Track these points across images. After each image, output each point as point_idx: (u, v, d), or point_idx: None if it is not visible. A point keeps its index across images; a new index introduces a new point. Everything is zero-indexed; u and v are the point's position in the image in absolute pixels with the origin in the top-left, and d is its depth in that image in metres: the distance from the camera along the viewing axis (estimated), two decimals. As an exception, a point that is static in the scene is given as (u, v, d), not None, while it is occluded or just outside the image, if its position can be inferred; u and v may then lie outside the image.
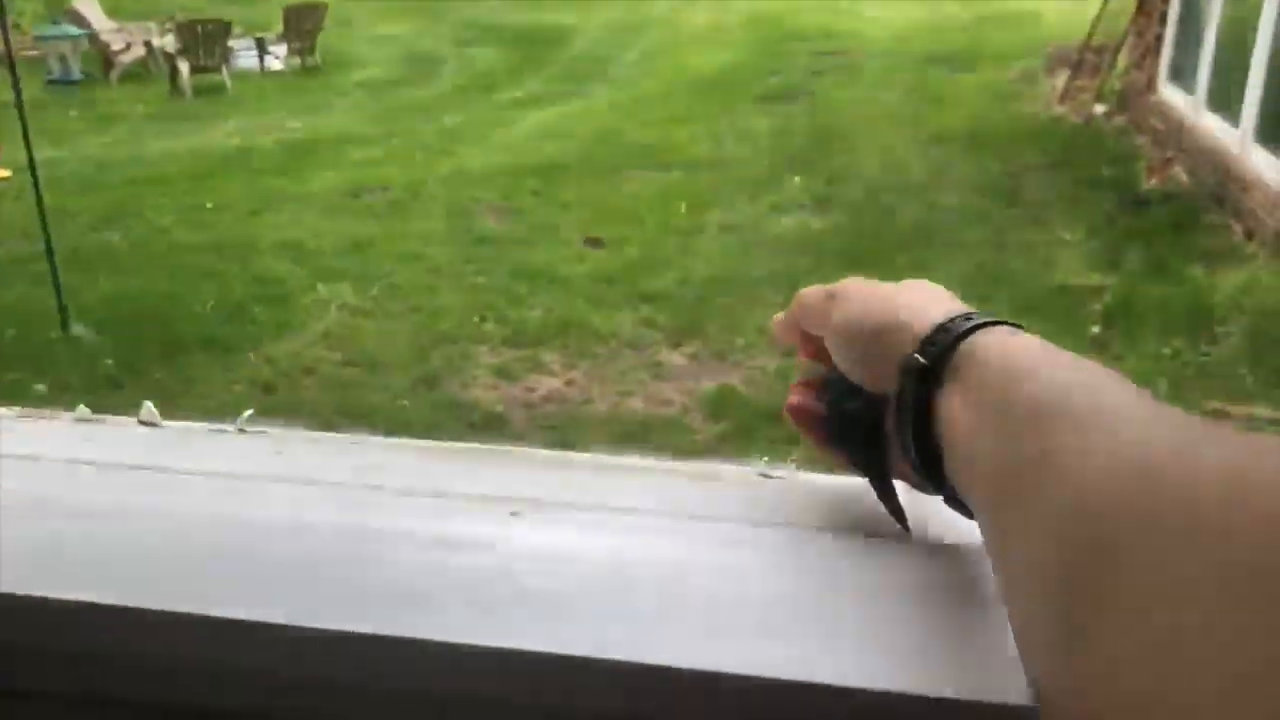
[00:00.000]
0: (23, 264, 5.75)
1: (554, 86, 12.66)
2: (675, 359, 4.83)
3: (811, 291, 0.60)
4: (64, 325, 4.83)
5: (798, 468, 0.71)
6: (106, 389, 4.39)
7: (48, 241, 4.96)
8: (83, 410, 0.74)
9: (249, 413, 0.71)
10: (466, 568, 0.54)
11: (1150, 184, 6.68)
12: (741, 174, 7.21)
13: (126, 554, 0.56)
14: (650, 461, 0.73)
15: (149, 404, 0.73)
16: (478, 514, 0.59)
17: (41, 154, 9.21)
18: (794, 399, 0.63)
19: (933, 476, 0.49)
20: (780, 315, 0.64)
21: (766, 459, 0.75)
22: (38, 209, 5.01)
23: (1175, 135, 7.13)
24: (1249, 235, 5.72)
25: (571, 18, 18.09)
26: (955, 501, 0.50)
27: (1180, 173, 6.77)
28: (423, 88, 13.05)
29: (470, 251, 5.91)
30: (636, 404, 4.43)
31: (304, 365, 4.69)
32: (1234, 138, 6.25)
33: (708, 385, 4.56)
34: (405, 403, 4.34)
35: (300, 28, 13.82)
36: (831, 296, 0.57)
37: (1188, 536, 0.31)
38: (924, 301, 0.52)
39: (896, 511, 0.57)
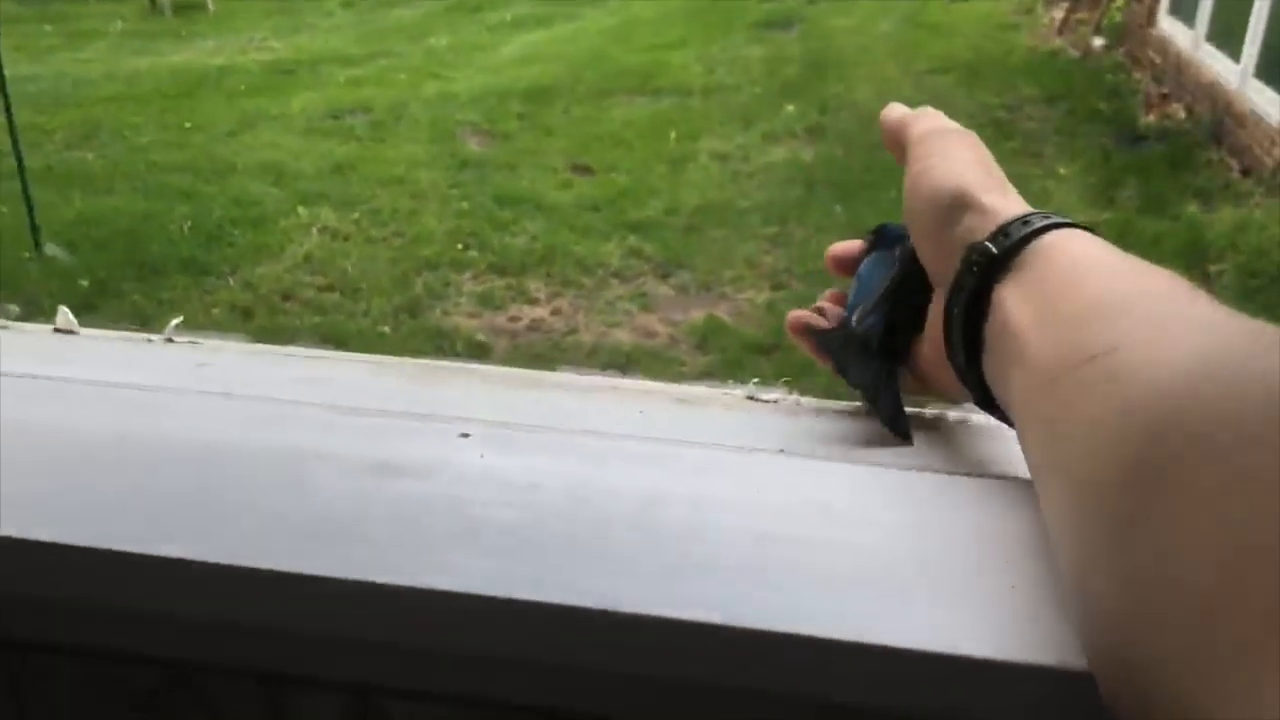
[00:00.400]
0: (-5, 182, 5.60)
1: (543, 9, 12.37)
2: (663, 290, 4.74)
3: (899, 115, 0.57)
4: (37, 245, 4.70)
5: (790, 391, 0.64)
6: (81, 311, 4.26)
7: (19, 159, 4.82)
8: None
9: (177, 320, 0.63)
10: (402, 497, 0.46)
11: (1148, 119, 6.56)
12: (733, 102, 7.06)
13: (12, 473, 0.48)
14: (627, 381, 0.65)
15: (65, 309, 0.65)
16: (421, 435, 0.51)
17: (15, 70, 8.97)
18: (797, 312, 0.60)
19: (970, 377, 0.48)
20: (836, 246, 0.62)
21: (757, 380, 0.68)
22: (8, 125, 4.86)
23: (1174, 70, 6.99)
24: (1245, 172, 5.63)
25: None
26: (988, 405, 0.48)
27: (1178, 109, 6.64)
28: (409, 8, 12.74)
29: (454, 176, 5.78)
30: (622, 335, 4.35)
31: (283, 290, 4.58)
32: (1234, 73, 6.13)
33: (695, 316, 4.48)
34: (385, 329, 4.25)
35: (283, -55, 13.42)
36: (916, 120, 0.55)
37: (1261, 431, 0.30)
38: (1003, 187, 0.50)
39: (897, 421, 0.54)
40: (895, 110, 0.57)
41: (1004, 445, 0.53)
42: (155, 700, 0.48)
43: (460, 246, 4.95)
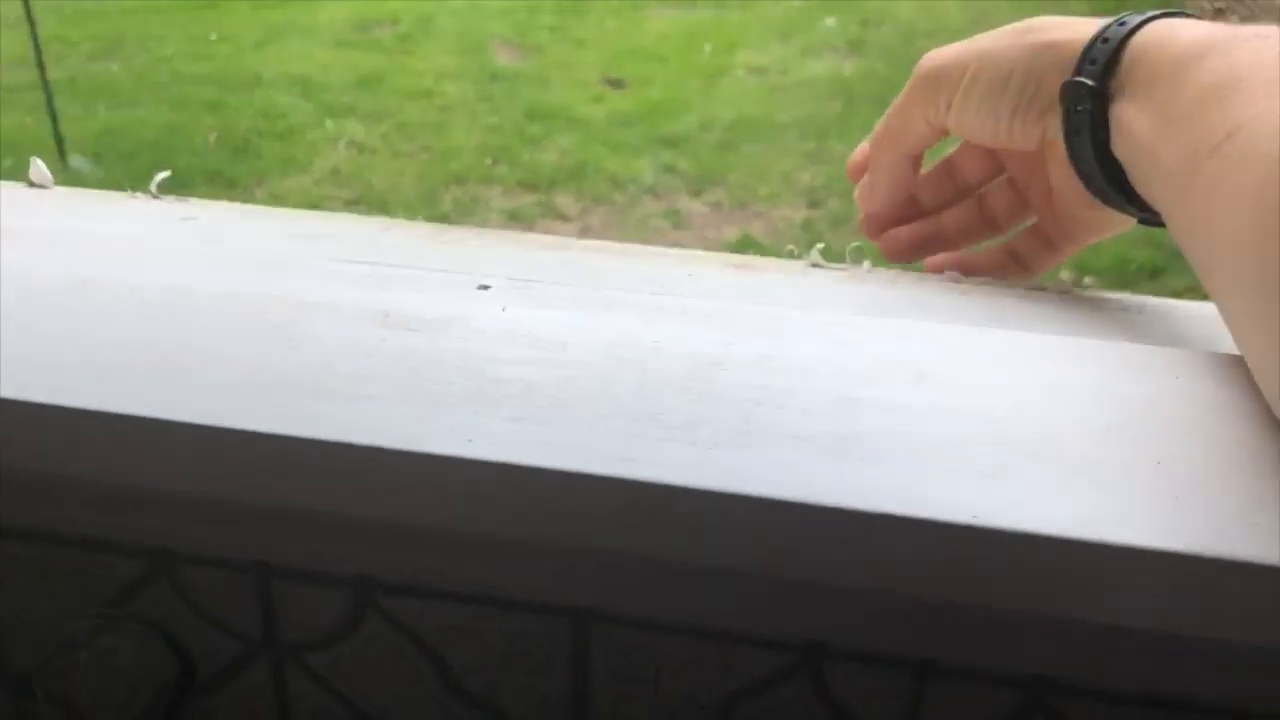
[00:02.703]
0: (18, 93, 5.53)
1: (575, -78, 12.06)
2: (696, 207, 4.63)
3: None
4: (61, 156, 4.63)
5: (855, 260, 0.55)
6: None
7: (41, 69, 4.74)
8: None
9: (164, 174, 0.55)
10: (411, 352, 0.38)
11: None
12: (770, 14, 6.85)
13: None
14: (672, 250, 0.57)
15: (38, 161, 0.58)
16: (434, 287, 0.43)
17: (42, -18, 8.86)
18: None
19: (1123, 198, 0.45)
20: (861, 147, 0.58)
21: (822, 246, 0.60)
22: (31, 37, 4.77)
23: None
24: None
25: None
26: (1155, 218, 0.45)
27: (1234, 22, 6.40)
28: (438, -79, 12.46)
29: (483, 89, 5.65)
30: (654, 251, 4.26)
31: (310, 203, 4.50)
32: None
33: (729, 234, 4.38)
34: (413, 243, 4.18)
35: None
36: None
37: None
38: (1069, 22, 0.46)
39: None
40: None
41: (1132, 316, 0.45)
42: (134, 593, 0.42)
43: (489, 161, 4.84)
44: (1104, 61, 0.42)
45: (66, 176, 4.55)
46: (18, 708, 0.44)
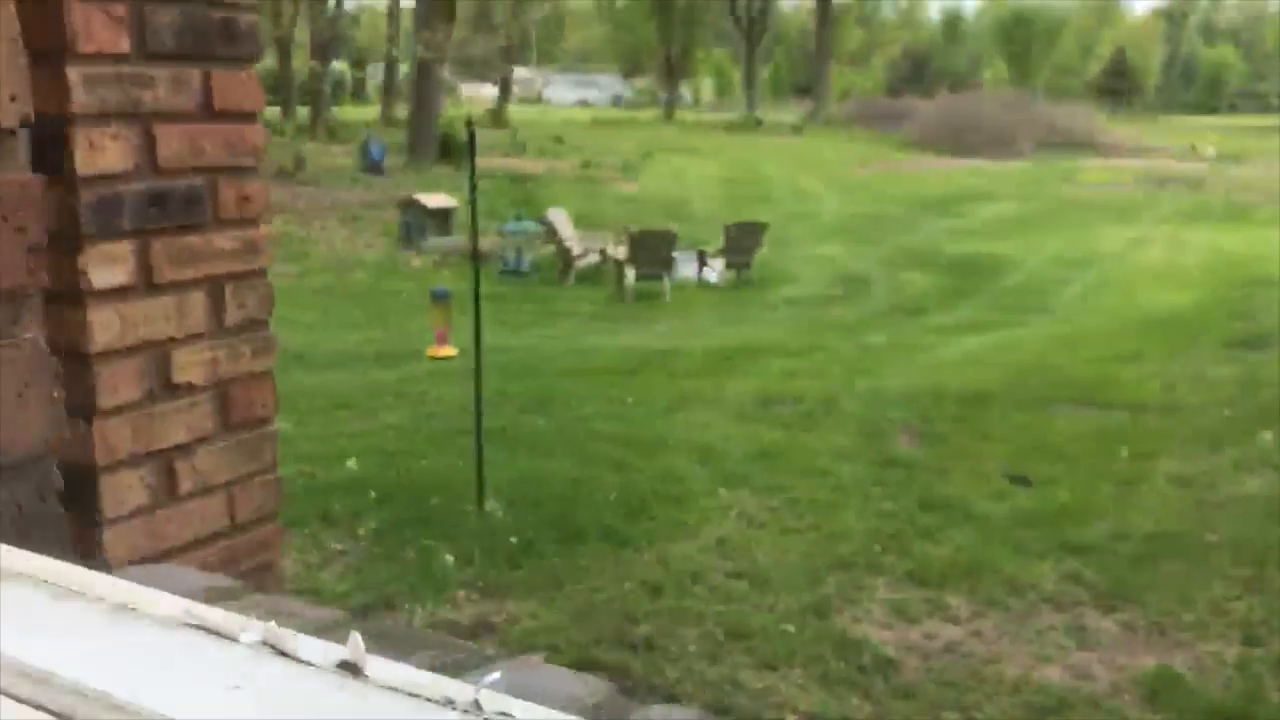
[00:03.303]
0: (457, 437, 6.16)
1: (986, 315, 12.23)
2: (1105, 625, 4.17)
3: None
4: (479, 499, 5.02)
5: None
6: (505, 566, 4.46)
7: (478, 419, 5.25)
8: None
9: (494, 676, 0.46)
10: None
11: None
12: (1197, 423, 6.39)
13: None
14: None
15: (357, 638, 0.49)
16: None
17: (498, 340, 10.12)
18: None
19: None
20: None
21: None
22: (475, 390, 5.34)
23: None
24: None
25: (1011, 249, 17.70)
26: None
27: None
28: (850, 307, 13.12)
29: (879, 473, 5.58)
30: (1053, 672, 3.82)
31: (694, 570, 4.52)
32: None
33: (1144, 663, 3.87)
34: (790, 628, 4.02)
35: (740, 244, 14.50)
36: None
37: None
38: None
39: None
40: None
41: None
42: None
43: (878, 548, 4.68)
44: None
45: (480, 518, 4.89)
46: None
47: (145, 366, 1.25)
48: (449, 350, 8.01)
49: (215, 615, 0.51)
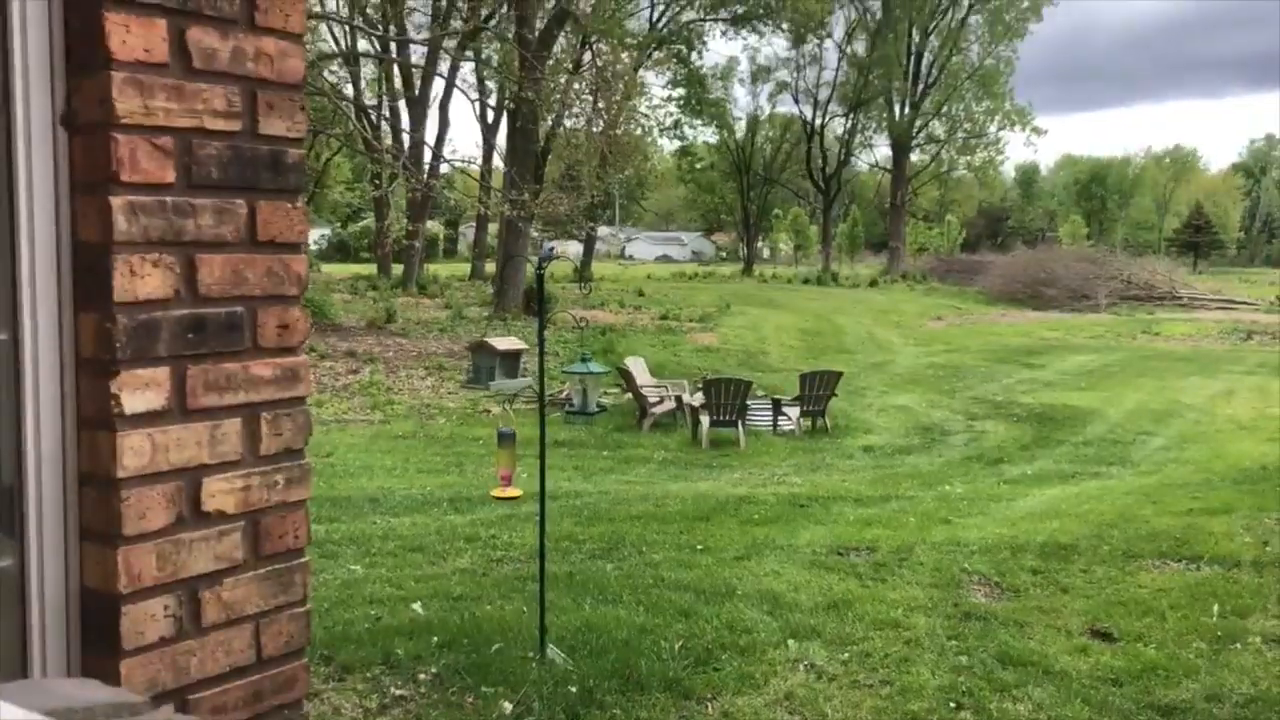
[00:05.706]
0: (523, 582, 6.11)
1: (1066, 466, 11.93)
2: (1199, 794, 3.90)
3: None
4: (541, 646, 4.93)
5: None
6: (564, 717, 4.34)
7: (541, 565, 5.21)
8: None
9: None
10: None
11: None
12: (1293, 581, 6.08)
13: None
14: None
15: None
16: None
17: (571, 486, 10.11)
18: None
19: None
20: None
21: None
22: (539, 537, 5.32)
23: None
24: None
25: (1091, 400, 17.38)
26: None
27: None
28: (926, 456, 12.91)
29: (954, 626, 5.38)
30: (1142, 843, 3.57)
31: (758, 726, 4.36)
32: None
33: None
34: (859, 788, 3.83)
35: (814, 392, 14.46)
36: None
37: None
38: None
39: None
40: None
41: None
42: None
43: (953, 705, 4.47)
44: None
45: (540, 666, 4.80)
46: None
47: (175, 493, 1.26)
48: (514, 491, 8.03)
49: None
